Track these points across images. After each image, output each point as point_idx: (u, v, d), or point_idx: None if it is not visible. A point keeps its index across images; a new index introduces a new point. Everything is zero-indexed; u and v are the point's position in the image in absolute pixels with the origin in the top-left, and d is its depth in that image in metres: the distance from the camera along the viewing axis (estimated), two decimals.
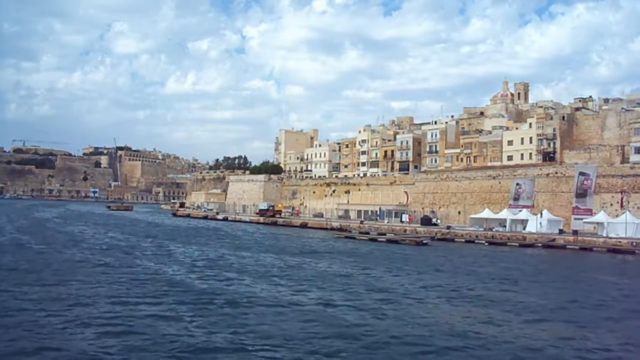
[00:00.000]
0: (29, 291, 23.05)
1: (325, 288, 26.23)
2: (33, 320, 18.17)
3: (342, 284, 27.49)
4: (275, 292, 24.84)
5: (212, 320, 18.96)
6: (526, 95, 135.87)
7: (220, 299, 22.57)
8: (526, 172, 71.96)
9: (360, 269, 34.34)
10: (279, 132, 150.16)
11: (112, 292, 23.32)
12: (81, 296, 22.22)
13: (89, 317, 18.70)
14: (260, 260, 37.48)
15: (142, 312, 19.69)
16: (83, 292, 23.05)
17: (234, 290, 24.99)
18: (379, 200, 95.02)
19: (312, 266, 34.86)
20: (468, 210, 77.68)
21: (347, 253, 44.52)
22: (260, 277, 29.21)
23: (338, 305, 22.21)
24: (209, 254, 41.02)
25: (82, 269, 30.06)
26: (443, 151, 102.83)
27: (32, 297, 21.76)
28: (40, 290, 23.23)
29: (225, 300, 22.32)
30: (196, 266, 33.40)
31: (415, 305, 22.93)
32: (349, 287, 26.81)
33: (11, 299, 21.28)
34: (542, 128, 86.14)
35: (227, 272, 30.69)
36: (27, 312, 19.21)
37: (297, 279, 28.97)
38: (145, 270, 30.59)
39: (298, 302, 22.56)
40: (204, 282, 27.11)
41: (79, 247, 42.20)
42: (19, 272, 28.35)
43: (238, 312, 20.42)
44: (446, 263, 39.23)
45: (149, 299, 22.11)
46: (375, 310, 21.50)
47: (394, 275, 31.85)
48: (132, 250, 41.89)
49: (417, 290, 26.60)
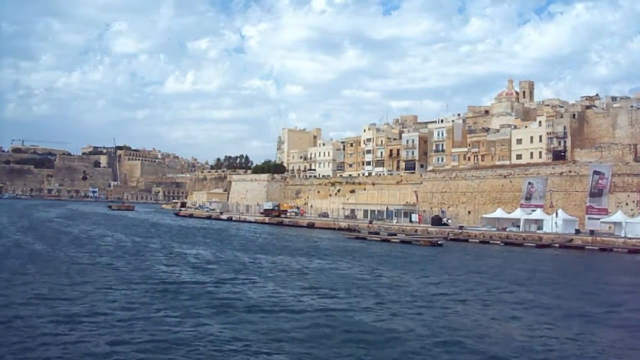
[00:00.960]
0: (39, 298, 21.63)
1: (355, 294, 24.79)
2: (47, 333, 16.78)
3: (370, 289, 26.08)
4: (303, 297, 23.44)
5: (244, 330, 17.57)
6: (531, 94, 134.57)
7: (245, 305, 21.21)
8: (538, 171, 70.62)
9: (382, 271, 32.96)
10: (282, 131, 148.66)
11: (128, 299, 21.92)
12: (96, 303, 20.81)
13: (107, 326, 17.31)
14: (277, 262, 36.07)
15: (166, 323, 18.30)
16: (98, 299, 21.66)
17: (258, 295, 23.59)
18: (385, 200, 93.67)
19: (332, 269, 33.45)
20: (478, 210, 76.38)
21: (362, 255, 43.13)
22: (282, 281, 27.80)
23: (375, 310, 20.83)
24: (222, 255, 39.59)
25: (93, 274, 28.61)
26: (450, 150, 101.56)
27: (43, 305, 20.34)
28: (51, 297, 21.80)
29: (252, 306, 20.97)
30: (211, 269, 31.98)
31: (458, 310, 21.52)
32: (380, 292, 25.41)
33: (23, 310, 19.83)
34: (552, 126, 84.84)
35: (246, 276, 29.26)
36: (41, 323, 17.79)
37: (321, 283, 27.56)
38: (159, 274, 29.18)
39: (328, 307, 21.19)
40: (224, 286, 25.71)
41: (86, 250, 40.74)
42: (27, 277, 26.91)
43: (270, 319, 19.03)
44: (468, 264, 37.89)
45: (169, 307, 20.72)
46: (416, 316, 20.15)
47: (420, 278, 30.46)
48: (141, 252, 40.46)
49: (453, 294, 25.22)
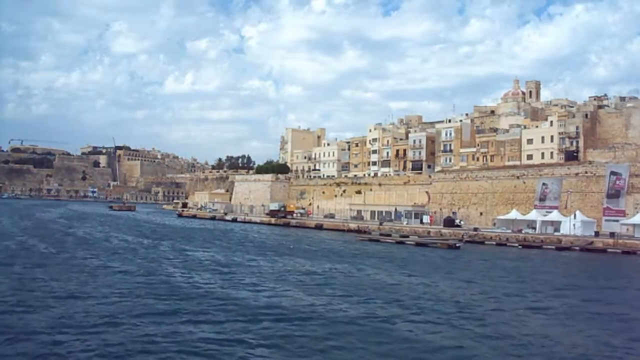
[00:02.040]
0: (50, 305, 20.03)
1: (392, 301, 23.18)
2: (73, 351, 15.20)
3: (406, 296, 24.46)
4: (339, 305, 21.85)
5: (279, 342, 16.01)
6: (538, 94, 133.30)
7: (280, 315, 19.66)
8: (553, 172, 69.11)
9: (406, 275, 31.41)
10: (285, 131, 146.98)
11: (147, 308, 20.32)
12: (115, 314, 19.20)
13: (126, 339, 15.73)
14: (297, 266, 34.45)
15: (192, 335, 16.72)
16: (114, 309, 20.05)
17: (291, 304, 21.96)
18: (393, 201, 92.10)
19: (356, 273, 31.85)
20: (490, 211, 74.91)
21: (381, 258, 41.57)
22: (309, 288, 26.19)
23: (416, 322, 19.25)
24: (237, 259, 37.98)
25: (105, 279, 27.00)
26: (458, 150, 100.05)
27: (55, 315, 18.73)
28: (63, 305, 20.20)
29: (289, 317, 19.42)
30: (231, 274, 30.38)
31: (504, 319, 19.98)
32: (419, 299, 23.78)
33: (33, 321, 18.21)
34: (563, 126, 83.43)
35: (270, 282, 27.63)
36: (50, 336, 16.20)
37: (351, 289, 25.94)
38: (179, 280, 27.55)
39: (371, 316, 19.62)
40: (251, 294, 24.12)
41: (93, 252, 39.09)
42: (38, 282, 25.28)
43: (316, 330, 17.47)
44: (493, 268, 36.38)
45: (197, 319, 19.12)
46: (459, 326, 18.61)
47: (454, 283, 28.86)
48: (151, 255, 38.84)
49: (491, 301, 23.69)
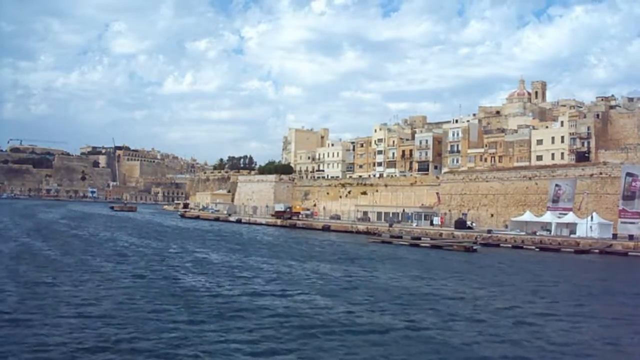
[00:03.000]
0: (64, 316, 18.67)
1: (425, 309, 21.86)
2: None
3: (438, 303, 23.13)
4: (371, 313, 20.52)
5: (316, 355, 14.68)
6: (544, 94, 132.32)
7: (304, 323, 18.41)
8: (566, 173, 67.85)
9: (432, 279, 30.07)
10: (288, 131, 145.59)
11: (170, 318, 18.97)
12: (137, 325, 17.86)
13: (153, 353, 14.41)
14: (317, 270, 33.06)
15: (222, 346, 15.39)
16: (134, 319, 18.71)
17: (315, 310, 20.65)
18: (399, 202, 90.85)
19: (377, 278, 30.47)
20: (501, 213, 73.68)
21: (398, 261, 40.28)
22: (334, 294, 24.81)
23: (467, 333, 17.90)
24: (249, 262, 36.62)
25: (120, 284, 25.64)
26: (466, 151, 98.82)
27: (71, 327, 17.37)
28: (79, 316, 18.84)
29: (313, 325, 18.18)
30: (245, 277, 29.05)
31: (562, 328, 18.69)
32: (449, 306, 22.45)
33: (48, 333, 16.83)
34: (574, 127, 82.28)
35: (292, 287, 26.27)
36: (67, 349, 14.85)
37: (378, 295, 24.59)
38: (193, 285, 26.19)
39: (411, 327, 18.29)
40: (269, 299, 22.81)
41: (102, 255, 37.67)
42: (46, 288, 23.90)
43: (343, 341, 16.13)
44: (520, 272, 35.10)
45: (218, 327, 17.79)
46: (508, 336, 17.27)
47: (480, 287, 27.57)
48: (162, 258, 37.44)
49: (537, 308, 22.36)
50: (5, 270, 28.46)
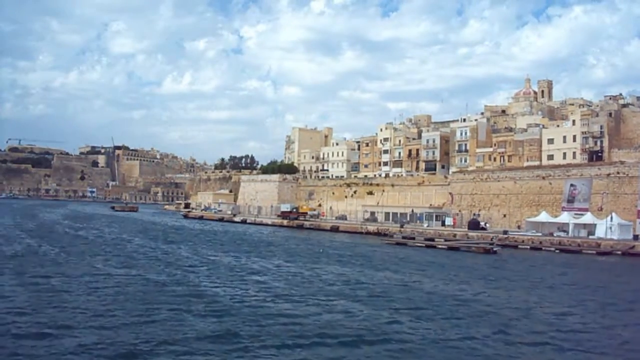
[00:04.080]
0: (78, 327, 17.10)
1: (475, 317, 20.35)
2: None
3: (486, 312, 21.55)
4: (410, 323, 18.98)
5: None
6: (550, 93, 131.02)
7: (342, 335, 16.97)
8: (581, 172, 66.42)
9: (465, 284, 28.54)
10: (292, 130, 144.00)
11: (194, 330, 17.42)
12: (161, 336, 16.31)
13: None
14: (339, 274, 31.42)
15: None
16: (156, 330, 17.15)
17: (351, 320, 19.07)
18: (407, 202, 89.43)
19: (410, 283, 28.90)
20: (513, 213, 72.25)
21: (421, 263, 38.72)
22: (366, 301, 23.22)
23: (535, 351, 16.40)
24: (266, 265, 35.00)
25: (135, 290, 24.05)
26: (474, 150, 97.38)
27: (87, 340, 15.81)
28: (95, 328, 17.28)
29: (352, 336, 16.76)
30: (265, 282, 27.46)
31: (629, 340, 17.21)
32: (500, 316, 20.87)
33: (63, 349, 15.27)
34: (587, 125, 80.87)
35: (317, 295, 24.66)
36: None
37: (416, 302, 23.05)
38: (211, 291, 24.58)
39: (458, 337, 16.79)
40: (298, 308, 21.24)
41: (113, 259, 36.02)
42: (56, 295, 22.28)
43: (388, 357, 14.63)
44: (552, 276, 33.57)
45: (246, 340, 16.26)
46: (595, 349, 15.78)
47: (520, 293, 26.03)
48: (174, 261, 35.82)
49: (590, 317, 20.88)
50: (15, 276, 26.84)
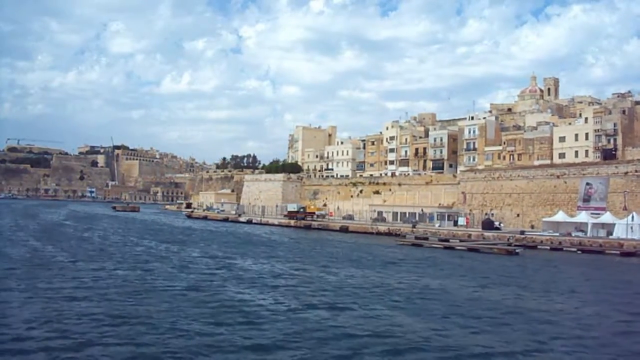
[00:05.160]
0: (101, 342, 15.54)
1: (525, 328, 18.81)
2: None
3: (536, 320, 20.00)
4: (456, 333, 17.43)
5: None
6: (556, 91, 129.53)
7: (386, 345, 15.30)
8: (597, 171, 64.96)
9: (498, 288, 27.00)
10: (295, 129, 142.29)
11: (227, 343, 15.87)
12: (197, 351, 14.75)
13: None
14: (367, 278, 29.85)
15: None
16: (189, 343, 15.60)
17: (395, 330, 17.53)
18: (415, 202, 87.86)
19: (446, 288, 27.34)
20: (527, 213, 70.78)
21: (445, 266, 37.19)
22: (405, 308, 21.69)
23: None
24: (285, 268, 33.46)
25: (155, 296, 22.46)
26: (482, 148, 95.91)
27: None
28: (125, 342, 15.71)
29: (401, 347, 15.06)
30: (290, 287, 25.91)
31: None
32: (553, 323, 19.35)
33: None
34: (599, 123, 79.44)
35: (352, 301, 23.09)
36: None
37: (463, 309, 21.49)
38: (236, 298, 23.08)
39: (515, 352, 15.27)
40: (334, 316, 19.72)
41: (122, 262, 34.41)
42: (73, 305, 20.69)
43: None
44: (592, 279, 32.06)
45: (284, 355, 14.70)
46: None
47: (572, 301, 24.51)
48: (192, 265, 34.17)
49: None
50: (24, 283, 25.22)
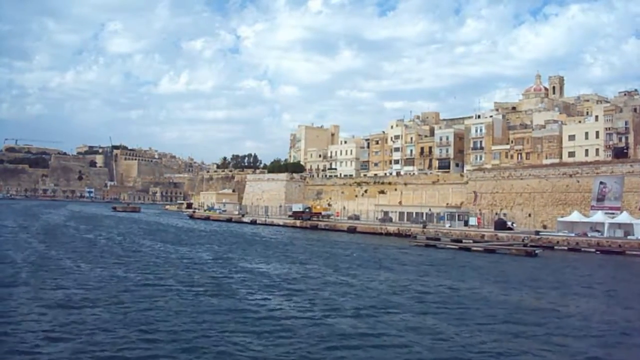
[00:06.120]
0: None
1: (589, 339, 17.50)
2: None
3: (596, 330, 18.72)
4: (511, 344, 16.10)
5: None
6: (561, 89, 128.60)
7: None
8: (612, 170, 63.71)
9: (536, 292, 25.69)
10: (298, 128, 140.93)
11: (263, 350, 14.49)
12: None
13: None
14: (392, 282, 28.44)
15: None
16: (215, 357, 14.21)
17: (450, 344, 16.20)
18: (422, 201, 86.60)
19: (472, 291, 26.03)
20: (538, 213, 69.51)
21: (470, 268, 35.85)
22: (444, 316, 20.33)
23: None
24: (304, 272, 32.05)
25: (180, 310, 21.06)
26: (490, 147, 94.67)
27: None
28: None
29: None
30: (319, 293, 24.52)
31: None
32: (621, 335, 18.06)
33: None
34: (610, 121, 78.25)
35: (389, 308, 21.74)
36: None
37: (501, 315, 20.21)
38: (257, 304, 21.67)
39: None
40: (375, 324, 18.39)
41: (133, 266, 32.97)
42: (85, 314, 19.27)
43: None
44: (630, 281, 30.75)
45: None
46: None
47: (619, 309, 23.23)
48: (204, 269, 32.76)
49: None
50: (32, 289, 23.80)
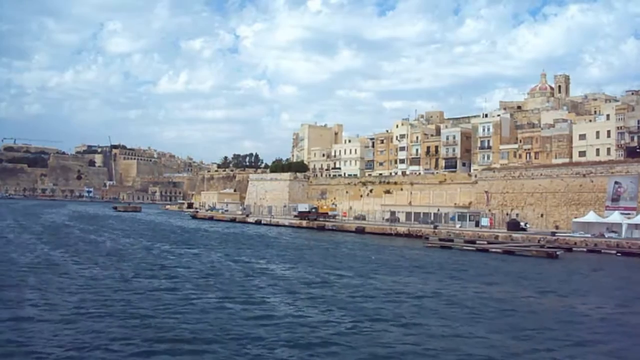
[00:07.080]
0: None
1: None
2: None
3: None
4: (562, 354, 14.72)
5: None
6: (567, 88, 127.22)
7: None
8: (627, 169, 62.35)
9: (577, 297, 24.30)
10: (301, 127, 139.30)
11: None
12: None
13: None
14: (421, 287, 27.01)
15: None
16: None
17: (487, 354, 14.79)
18: (429, 201, 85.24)
19: (504, 296, 24.63)
20: (550, 213, 68.14)
21: (494, 272, 34.43)
22: (483, 321, 18.90)
23: None
24: (329, 277, 30.55)
25: (203, 319, 19.59)
26: (497, 147, 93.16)
27: None
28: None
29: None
30: (346, 301, 23.10)
31: None
32: None
33: None
34: (622, 120, 76.89)
35: (420, 317, 20.30)
36: None
37: (534, 322, 18.80)
38: (289, 314, 20.26)
39: None
40: (411, 334, 16.95)
41: (139, 267, 31.51)
42: (98, 323, 17.79)
43: None
44: None
45: None
46: None
47: None
48: (219, 272, 31.28)
49: None
50: (40, 294, 22.31)
